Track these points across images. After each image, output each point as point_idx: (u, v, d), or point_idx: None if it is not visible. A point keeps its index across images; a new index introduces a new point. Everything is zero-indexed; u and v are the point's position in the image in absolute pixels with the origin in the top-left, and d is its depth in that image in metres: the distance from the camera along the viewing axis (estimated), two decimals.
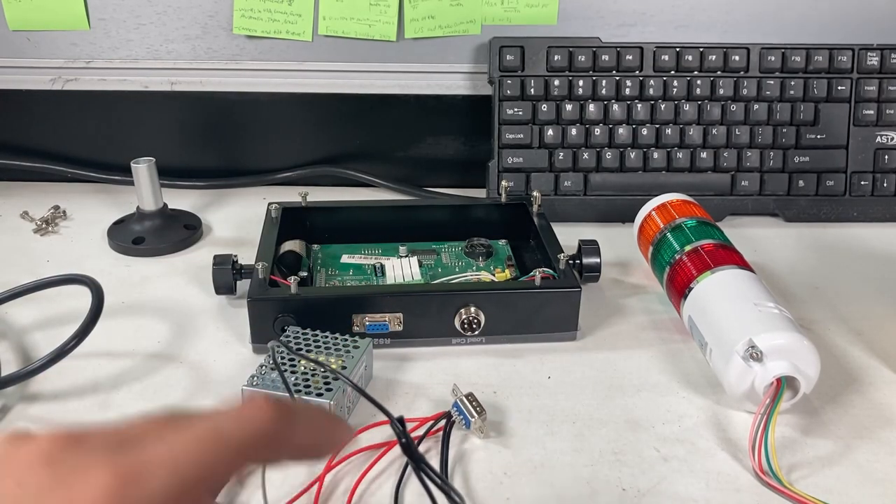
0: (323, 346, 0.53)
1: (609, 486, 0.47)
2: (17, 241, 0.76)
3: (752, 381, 0.50)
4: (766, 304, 0.53)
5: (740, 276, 0.57)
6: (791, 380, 0.49)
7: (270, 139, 0.87)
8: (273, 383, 0.49)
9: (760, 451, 0.47)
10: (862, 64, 0.79)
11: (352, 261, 0.68)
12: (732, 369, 0.50)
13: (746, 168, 0.79)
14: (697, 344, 0.56)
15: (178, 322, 0.63)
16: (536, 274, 0.59)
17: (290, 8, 0.81)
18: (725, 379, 0.51)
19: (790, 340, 0.50)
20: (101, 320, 0.55)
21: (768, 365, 0.49)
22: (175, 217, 0.77)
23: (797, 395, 0.50)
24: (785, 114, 0.79)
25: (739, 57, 0.79)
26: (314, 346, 0.53)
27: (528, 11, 0.81)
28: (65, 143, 0.86)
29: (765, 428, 0.47)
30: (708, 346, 0.54)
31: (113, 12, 0.81)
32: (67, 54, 0.83)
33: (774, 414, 0.48)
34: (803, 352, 0.50)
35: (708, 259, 0.59)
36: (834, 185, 0.80)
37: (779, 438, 0.50)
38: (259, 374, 0.50)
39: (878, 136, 0.80)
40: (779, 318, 0.52)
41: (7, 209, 0.82)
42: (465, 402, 0.49)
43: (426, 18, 0.81)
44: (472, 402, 0.50)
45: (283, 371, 0.50)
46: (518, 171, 0.80)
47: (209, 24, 0.82)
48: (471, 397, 0.50)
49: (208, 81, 0.84)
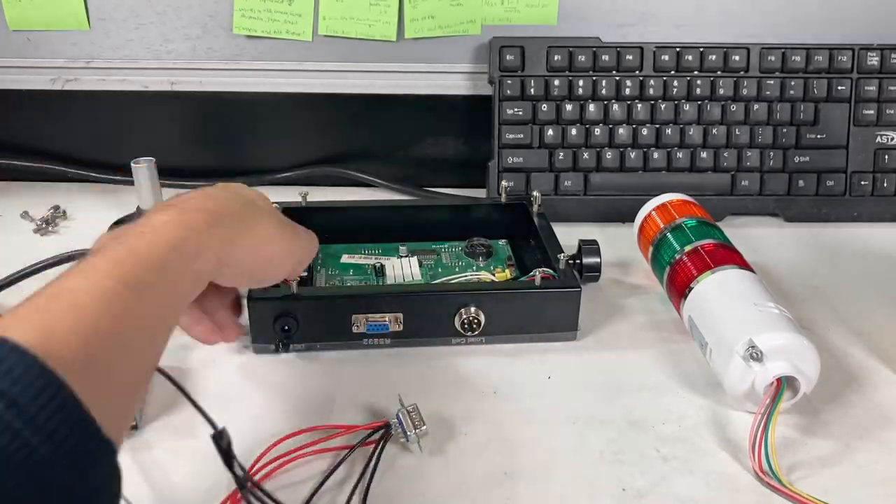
0: None
1: (609, 486, 0.47)
2: (18, 241, 0.76)
3: (753, 381, 0.50)
4: (766, 304, 0.53)
5: (740, 276, 0.57)
6: (791, 380, 0.49)
7: (270, 139, 0.87)
8: None
9: (760, 451, 0.47)
10: (862, 64, 0.79)
11: (352, 260, 0.67)
12: (733, 369, 0.50)
13: (746, 168, 0.79)
14: (697, 344, 0.56)
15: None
16: (536, 274, 0.59)
17: (290, 8, 0.81)
18: (726, 379, 0.51)
19: (790, 340, 0.50)
20: None
21: (768, 365, 0.49)
22: None
23: (797, 395, 0.50)
24: (785, 114, 0.79)
25: (739, 57, 0.79)
26: None
27: (528, 11, 0.81)
28: (65, 143, 0.86)
29: (765, 428, 0.47)
30: (708, 346, 0.54)
31: (113, 12, 0.81)
32: (67, 54, 0.83)
33: (774, 414, 0.48)
34: (803, 352, 0.50)
35: (708, 259, 0.59)
36: (834, 185, 0.80)
37: (779, 438, 0.50)
38: None
39: (879, 136, 0.80)
40: (779, 318, 0.52)
41: (7, 209, 0.82)
42: (407, 415, 0.49)
43: (426, 18, 0.81)
44: (412, 414, 0.49)
45: None
46: (518, 171, 0.79)
47: (209, 24, 0.82)
48: (413, 410, 0.49)
49: (208, 81, 0.84)
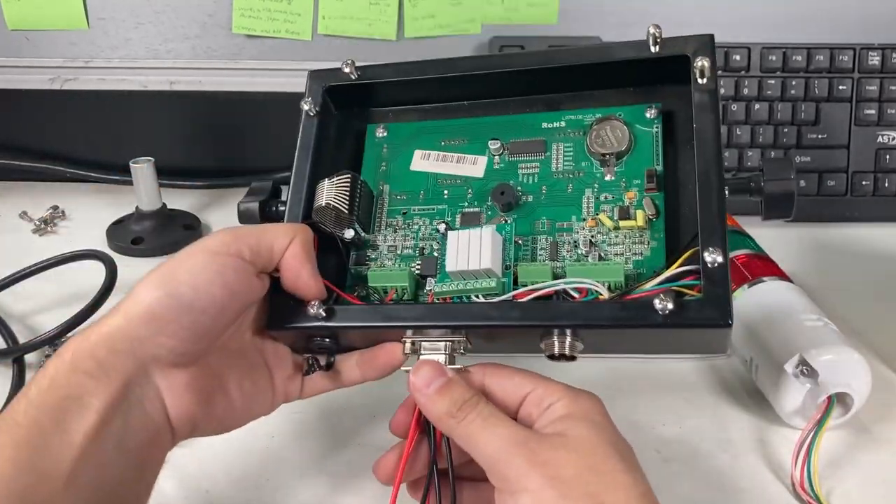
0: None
1: None
2: (16, 242, 0.76)
3: (804, 398, 0.49)
4: (811, 317, 0.52)
5: (781, 287, 0.56)
6: (842, 396, 0.49)
7: (270, 139, 0.86)
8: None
9: (804, 469, 0.46)
10: (863, 63, 0.79)
11: (426, 165, 0.49)
12: (783, 387, 0.49)
13: (747, 168, 0.79)
14: (738, 359, 0.55)
15: None
16: (666, 301, 0.37)
17: (290, 7, 0.80)
18: (775, 396, 0.50)
19: (841, 355, 0.49)
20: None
21: (820, 381, 0.48)
22: (174, 217, 0.77)
23: (849, 412, 0.49)
24: (786, 113, 0.79)
25: (740, 56, 0.78)
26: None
27: (528, 11, 0.81)
28: (64, 143, 0.86)
29: (809, 446, 0.46)
30: (753, 362, 0.53)
31: (112, 11, 0.81)
32: (66, 54, 0.83)
33: (821, 432, 0.47)
34: (855, 367, 0.49)
35: (744, 271, 0.57)
36: (835, 184, 0.80)
37: (778, 439, 0.49)
38: None
39: (880, 136, 0.80)
40: (827, 331, 0.51)
41: (6, 209, 0.81)
42: None
43: (426, 17, 0.81)
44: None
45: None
46: None
47: (208, 24, 0.82)
48: None
49: (208, 81, 0.84)
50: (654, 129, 0.46)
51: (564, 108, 0.48)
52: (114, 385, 0.34)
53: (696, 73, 0.42)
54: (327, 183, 0.45)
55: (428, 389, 0.38)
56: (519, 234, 0.45)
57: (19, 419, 0.32)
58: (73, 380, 0.34)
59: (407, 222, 0.47)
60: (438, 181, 0.48)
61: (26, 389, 0.34)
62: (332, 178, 0.46)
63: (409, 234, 0.47)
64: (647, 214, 0.43)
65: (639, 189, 0.44)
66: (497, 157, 0.48)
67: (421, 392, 0.38)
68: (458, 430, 0.37)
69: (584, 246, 0.44)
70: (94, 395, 0.33)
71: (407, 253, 0.46)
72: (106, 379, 0.34)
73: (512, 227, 0.45)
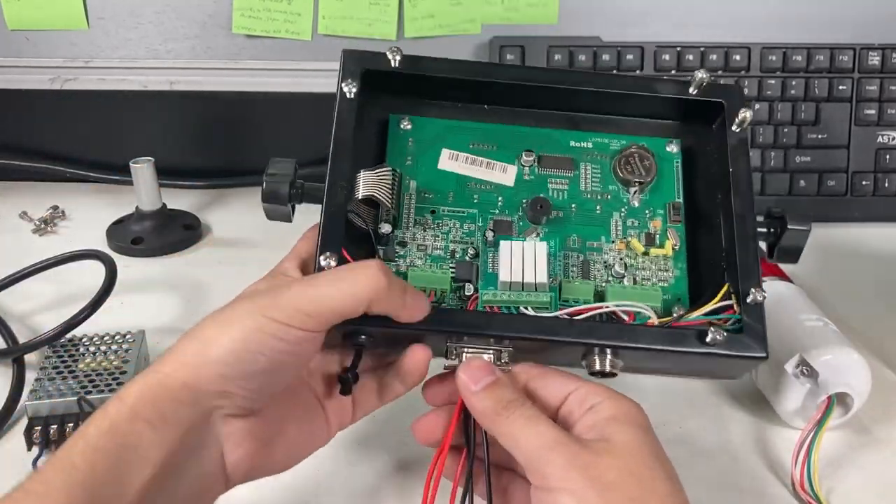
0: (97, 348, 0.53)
1: None
2: (16, 242, 0.76)
3: (803, 398, 0.49)
4: (811, 317, 0.52)
5: (781, 287, 0.56)
6: (842, 396, 0.49)
7: (270, 139, 0.86)
8: (58, 391, 0.49)
9: (804, 469, 0.46)
10: (863, 63, 0.79)
11: (454, 166, 0.48)
12: (783, 386, 0.49)
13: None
14: None
15: (177, 323, 0.62)
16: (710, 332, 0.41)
17: (290, 7, 0.80)
18: (774, 396, 0.51)
19: (841, 356, 0.49)
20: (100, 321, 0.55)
21: (820, 381, 0.48)
22: (174, 217, 0.77)
23: (849, 412, 0.50)
24: (786, 113, 0.79)
25: (740, 56, 0.78)
26: (86, 351, 0.53)
27: (528, 11, 0.81)
28: (64, 143, 0.86)
29: (809, 446, 0.46)
30: None
31: (112, 12, 0.81)
32: (66, 54, 0.83)
33: (821, 432, 0.47)
34: (854, 367, 0.49)
35: None
36: (835, 184, 0.80)
37: (779, 438, 0.49)
38: (39, 388, 0.50)
39: (880, 136, 0.80)
40: (827, 331, 0.51)
41: (6, 209, 0.81)
42: None
43: (426, 17, 0.81)
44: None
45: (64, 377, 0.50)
46: None
47: (208, 24, 0.82)
48: None
49: (208, 81, 0.83)
50: (676, 163, 0.48)
51: (587, 129, 0.49)
52: (173, 435, 0.34)
53: (736, 120, 0.46)
54: (368, 174, 0.44)
55: (476, 386, 0.38)
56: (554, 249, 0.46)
57: (76, 461, 0.32)
58: (133, 428, 0.33)
59: (437, 222, 0.46)
60: (468, 184, 0.47)
61: (85, 428, 0.33)
62: (373, 170, 0.44)
63: (439, 235, 0.46)
64: (672, 244, 0.46)
65: (663, 219, 0.47)
66: (527, 169, 0.48)
67: (468, 388, 0.38)
68: (500, 427, 0.37)
69: (620, 268, 0.45)
70: (153, 446, 0.33)
71: (437, 254, 0.45)
72: (166, 429, 0.34)
73: (556, 242, 0.46)
